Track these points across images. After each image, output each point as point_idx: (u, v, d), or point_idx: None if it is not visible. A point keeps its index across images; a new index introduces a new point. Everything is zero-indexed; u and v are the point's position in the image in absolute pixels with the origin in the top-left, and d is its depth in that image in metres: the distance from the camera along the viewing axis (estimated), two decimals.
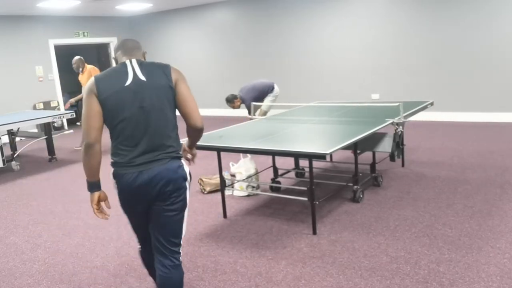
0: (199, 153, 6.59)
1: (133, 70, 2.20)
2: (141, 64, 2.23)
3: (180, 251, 2.35)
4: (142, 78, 2.18)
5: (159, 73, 2.21)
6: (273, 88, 6.65)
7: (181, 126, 2.37)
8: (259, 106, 6.61)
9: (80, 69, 7.46)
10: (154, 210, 2.26)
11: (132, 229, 2.43)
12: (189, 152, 2.55)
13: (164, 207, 2.24)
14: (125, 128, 2.17)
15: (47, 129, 7.07)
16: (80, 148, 7.92)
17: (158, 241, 2.30)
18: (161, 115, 2.19)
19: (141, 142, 2.18)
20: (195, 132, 2.32)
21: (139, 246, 2.50)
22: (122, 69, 2.20)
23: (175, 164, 2.22)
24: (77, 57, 7.47)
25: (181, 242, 2.35)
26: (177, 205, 2.26)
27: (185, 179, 2.27)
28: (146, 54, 2.42)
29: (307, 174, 5.08)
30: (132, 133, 2.17)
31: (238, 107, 6.60)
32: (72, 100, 7.58)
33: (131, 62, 2.23)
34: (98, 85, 2.15)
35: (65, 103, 10.71)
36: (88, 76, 7.33)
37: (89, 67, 7.51)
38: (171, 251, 2.30)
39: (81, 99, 7.53)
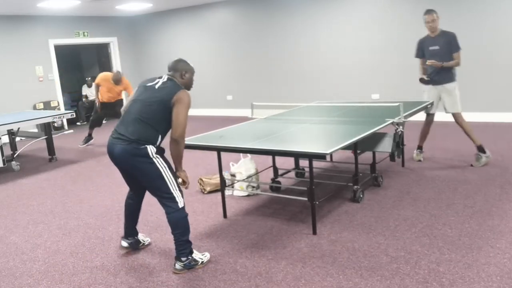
0: (199, 153, 6.59)
1: (158, 81, 3.09)
2: (167, 80, 3.07)
3: (176, 200, 3.04)
4: (156, 87, 3.05)
5: (168, 91, 2.98)
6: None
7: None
8: (261, 106, 6.29)
9: (120, 82, 7.76)
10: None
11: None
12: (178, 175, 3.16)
13: (138, 177, 3.10)
14: (127, 106, 3.13)
15: (47, 129, 7.07)
16: (83, 146, 8.05)
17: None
18: (147, 113, 2.98)
19: (123, 122, 3.05)
20: (171, 142, 2.99)
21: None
22: (156, 78, 3.15)
23: (133, 145, 2.96)
24: (117, 71, 7.78)
25: (172, 195, 3.04)
26: (147, 176, 3.02)
27: (145, 155, 2.96)
28: (186, 73, 3.14)
29: (307, 174, 5.08)
30: (124, 115, 3.09)
31: (434, 24, 5.57)
32: (98, 102, 7.89)
33: (164, 77, 3.12)
34: (142, 80, 3.23)
35: (65, 103, 10.78)
36: (126, 86, 7.80)
37: (124, 80, 7.83)
38: (162, 203, 3.09)
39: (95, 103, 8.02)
